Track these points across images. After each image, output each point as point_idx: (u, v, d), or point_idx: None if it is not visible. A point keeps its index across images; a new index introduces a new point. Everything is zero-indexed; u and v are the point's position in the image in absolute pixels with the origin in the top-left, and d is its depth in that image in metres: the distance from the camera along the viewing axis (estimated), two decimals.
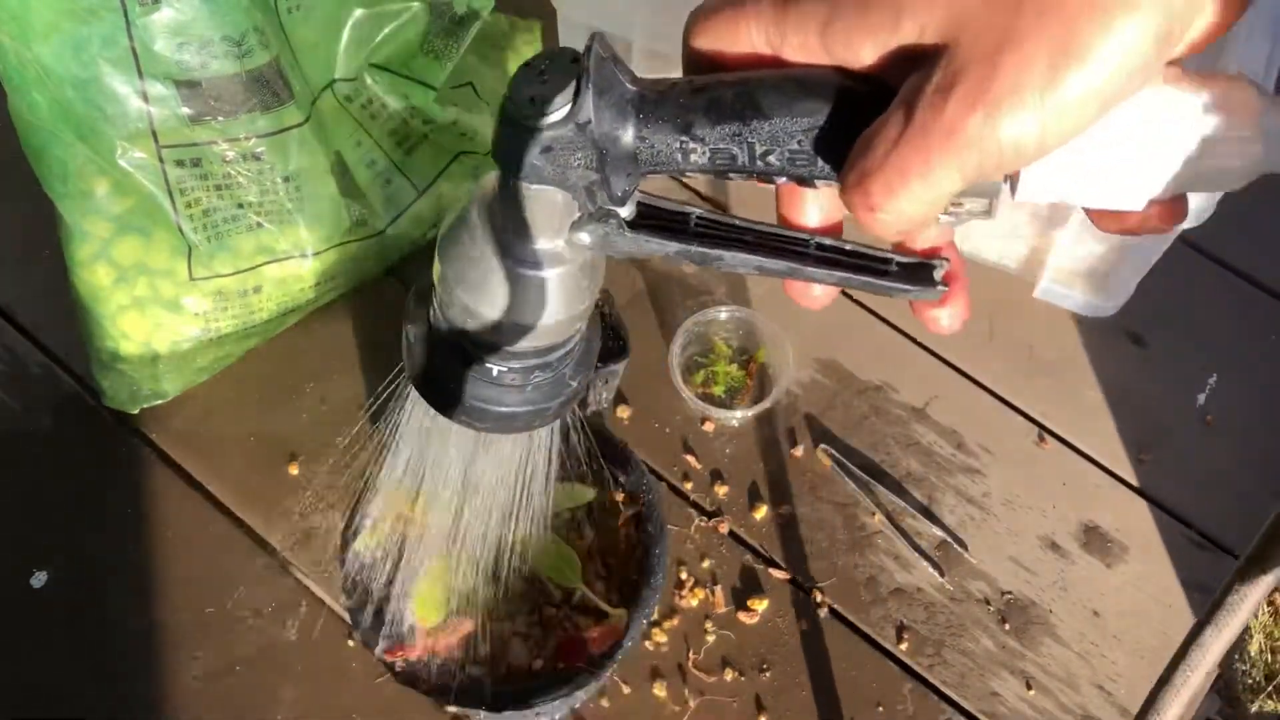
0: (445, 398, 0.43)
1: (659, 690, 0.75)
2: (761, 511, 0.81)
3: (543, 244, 0.38)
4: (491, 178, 0.38)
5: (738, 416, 0.84)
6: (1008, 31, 0.28)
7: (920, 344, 0.89)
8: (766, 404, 0.84)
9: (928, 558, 0.80)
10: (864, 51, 0.32)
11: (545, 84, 0.34)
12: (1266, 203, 0.91)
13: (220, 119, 0.70)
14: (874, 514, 0.82)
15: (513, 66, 0.97)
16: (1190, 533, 0.83)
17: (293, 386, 0.85)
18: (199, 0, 0.65)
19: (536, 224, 0.37)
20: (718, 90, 0.34)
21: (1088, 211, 0.34)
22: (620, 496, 0.73)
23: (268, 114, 0.71)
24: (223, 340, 0.82)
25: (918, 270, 0.37)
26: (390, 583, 0.74)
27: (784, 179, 0.35)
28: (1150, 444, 0.85)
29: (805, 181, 0.35)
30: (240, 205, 0.75)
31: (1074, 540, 0.82)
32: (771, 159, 0.34)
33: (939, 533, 0.81)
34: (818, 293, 0.38)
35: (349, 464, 0.81)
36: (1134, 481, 0.84)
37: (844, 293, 0.91)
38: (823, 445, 0.84)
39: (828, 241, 0.37)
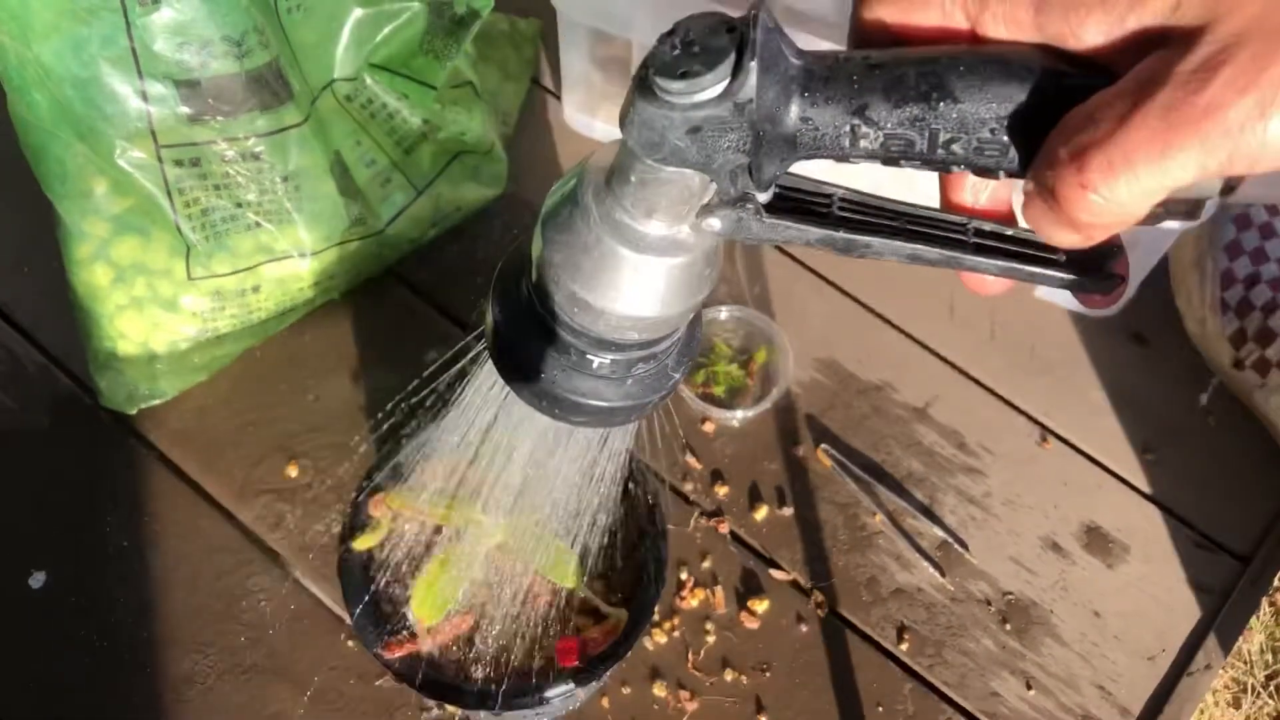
0: (537, 390, 0.39)
1: (659, 690, 0.75)
2: (762, 512, 0.81)
3: (666, 229, 0.34)
4: (607, 151, 0.34)
5: (738, 416, 0.84)
6: None
7: (921, 344, 0.89)
8: (767, 404, 0.84)
9: (928, 558, 0.80)
10: (1089, 29, 0.27)
11: (697, 55, 0.30)
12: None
13: (219, 119, 0.70)
14: (875, 514, 0.82)
15: (513, 66, 0.97)
16: (1193, 534, 0.82)
17: (291, 386, 0.85)
18: (199, 0, 0.65)
19: (666, 208, 0.33)
20: (899, 68, 0.29)
21: None
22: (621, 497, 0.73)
23: (267, 114, 0.71)
24: (221, 340, 0.82)
25: (1090, 261, 0.33)
26: (389, 582, 0.74)
27: (961, 168, 0.31)
28: (1153, 444, 0.85)
29: (987, 173, 0.31)
30: (239, 205, 0.75)
31: (1075, 540, 0.82)
32: (956, 148, 0.30)
33: (940, 533, 0.81)
34: (992, 280, 0.34)
35: (349, 463, 0.81)
36: (1136, 482, 0.84)
37: (844, 293, 0.91)
38: (823, 445, 0.84)
39: (988, 227, 0.33)
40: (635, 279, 0.35)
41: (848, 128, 0.30)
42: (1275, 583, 0.83)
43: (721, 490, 0.82)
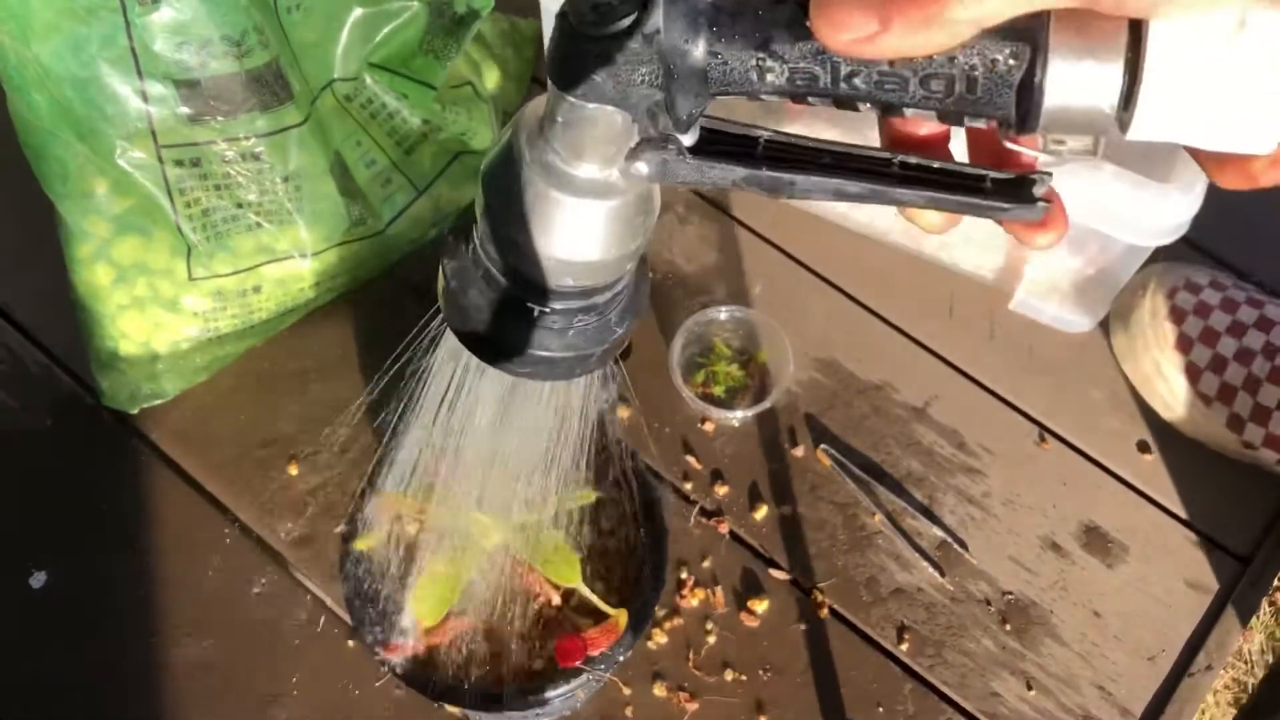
0: (482, 341, 0.40)
1: (659, 690, 0.75)
2: (762, 511, 0.81)
3: (596, 172, 0.35)
4: (539, 101, 0.35)
5: (738, 416, 0.84)
6: None
7: (920, 344, 0.89)
8: (766, 404, 0.84)
9: (928, 558, 0.80)
10: None
11: None
12: (1267, 202, 0.91)
13: (220, 119, 0.70)
14: (874, 514, 0.82)
15: (513, 66, 0.97)
16: (1193, 534, 0.82)
17: (292, 386, 0.85)
18: (198, 0, 0.65)
19: (591, 148, 0.34)
20: (800, 1, 0.30)
21: (1202, 162, 0.30)
22: (621, 496, 0.73)
23: (267, 114, 0.71)
24: (222, 340, 0.82)
25: (1016, 186, 0.33)
26: (390, 581, 0.74)
27: (868, 105, 0.31)
28: (1153, 444, 0.85)
29: (892, 110, 0.31)
30: (239, 205, 0.75)
31: (1075, 540, 0.82)
32: (857, 81, 0.30)
33: (939, 533, 0.81)
34: (932, 217, 0.34)
35: (349, 463, 0.81)
36: (1135, 482, 0.84)
37: (844, 293, 0.91)
38: (823, 445, 0.84)
39: (913, 160, 0.34)
40: (567, 222, 0.36)
41: (755, 62, 0.31)
42: (1275, 583, 0.83)
43: (721, 490, 0.82)
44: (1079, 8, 0.27)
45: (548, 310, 0.39)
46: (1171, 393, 0.82)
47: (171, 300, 0.78)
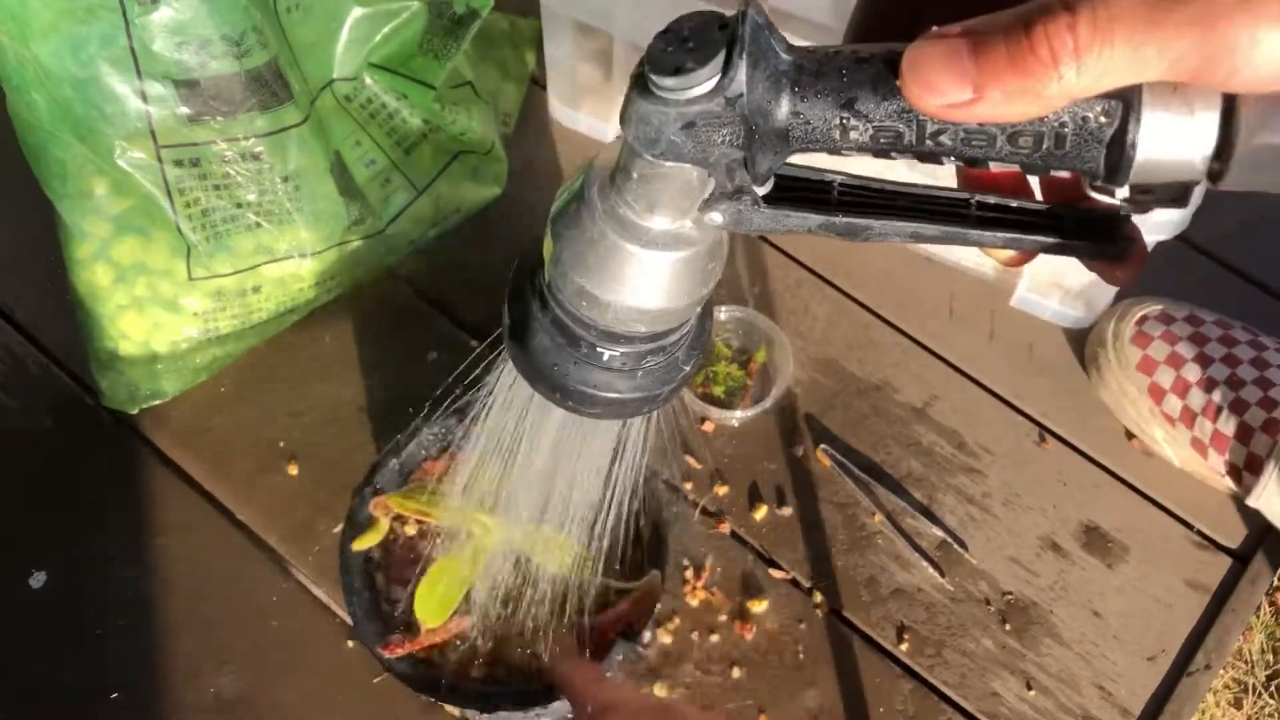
0: (551, 382, 0.40)
1: (659, 690, 0.75)
2: (762, 512, 0.81)
3: (670, 223, 0.34)
4: (613, 150, 0.35)
5: (738, 416, 0.84)
6: None
7: (920, 344, 0.89)
8: (766, 404, 0.84)
9: (928, 558, 0.80)
10: None
11: (691, 51, 0.31)
12: (1266, 203, 0.91)
13: (219, 119, 0.70)
14: (874, 514, 0.82)
15: (512, 66, 0.97)
16: (1193, 534, 0.82)
17: (292, 386, 0.85)
18: (198, 0, 0.65)
19: (666, 202, 0.34)
20: (888, 59, 0.30)
21: None
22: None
23: (266, 114, 0.71)
24: (222, 340, 0.82)
25: (1096, 225, 0.33)
26: (390, 582, 0.74)
27: (951, 159, 0.31)
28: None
29: (977, 163, 0.31)
30: (239, 205, 0.75)
31: (1074, 540, 0.82)
32: (944, 138, 0.30)
33: (939, 533, 0.81)
34: (1008, 252, 0.34)
35: (349, 463, 0.81)
36: (1135, 482, 0.84)
37: (844, 293, 0.91)
38: (823, 445, 0.84)
39: (991, 200, 0.33)
40: (640, 273, 0.36)
41: (838, 121, 0.31)
42: (1275, 582, 0.83)
43: (721, 490, 0.82)
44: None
45: (618, 354, 0.39)
46: (1172, 438, 0.82)
47: (171, 300, 0.78)
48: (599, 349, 0.39)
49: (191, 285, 0.78)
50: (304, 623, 0.76)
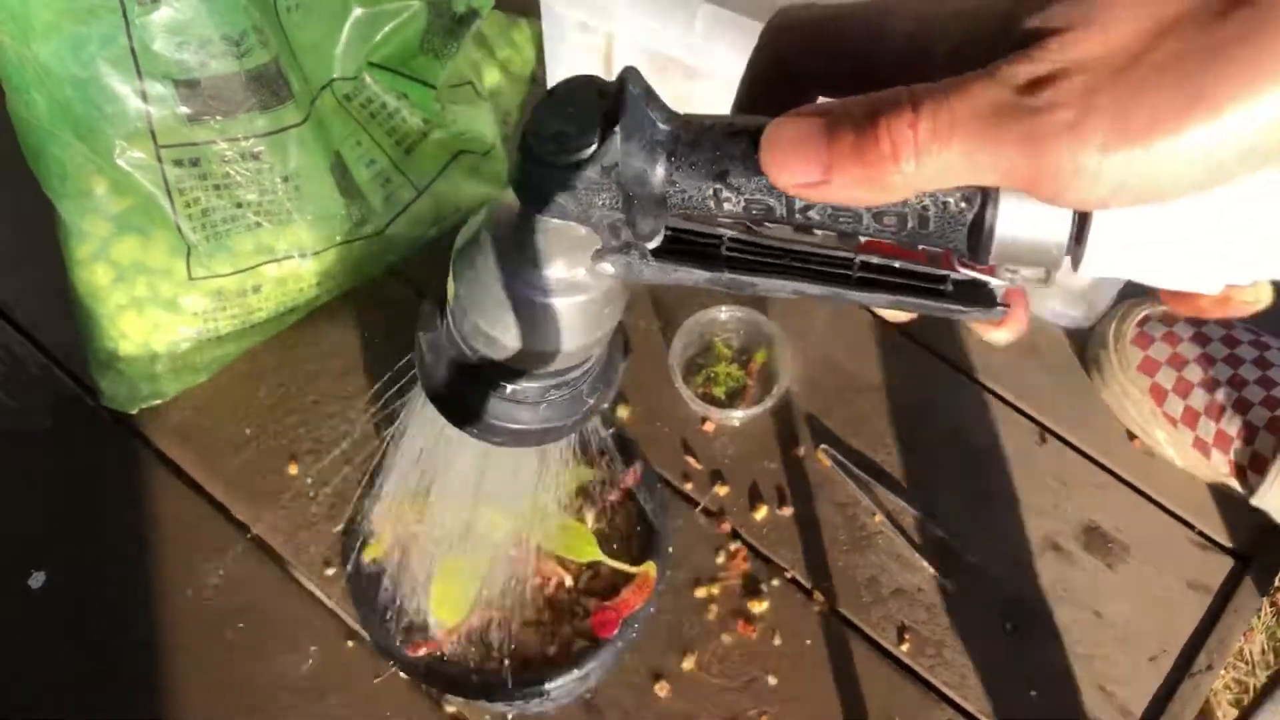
0: (458, 411, 0.42)
1: (660, 690, 0.75)
2: (762, 512, 0.81)
3: (564, 271, 0.36)
4: (507, 201, 0.36)
5: (738, 417, 0.84)
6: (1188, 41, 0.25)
7: (920, 344, 0.89)
8: (767, 404, 0.84)
9: (928, 558, 0.80)
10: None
11: (570, 118, 0.32)
12: None
13: (219, 118, 0.70)
14: (875, 514, 0.82)
15: (513, 66, 0.97)
16: (1193, 534, 0.82)
17: (292, 386, 0.85)
18: (198, 0, 0.65)
19: (556, 255, 0.35)
20: (759, 133, 0.31)
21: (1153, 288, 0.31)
22: (616, 474, 0.74)
23: (267, 113, 0.71)
24: (222, 340, 0.82)
25: (976, 289, 0.34)
26: (400, 584, 0.74)
27: (823, 232, 0.32)
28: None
29: (847, 237, 0.32)
30: (239, 205, 0.75)
31: (1076, 541, 0.82)
32: (812, 213, 0.31)
33: (940, 533, 0.81)
34: (894, 313, 0.35)
35: (349, 463, 0.81)
36: (1135, 482, 0.84)
37: None
38: (823, 445, 0.84)
39: (875, 260, 0.34)
40: (535, 318, 0.37)
41: (711, 192, 0.32)
42: (1275, 583, 0.83)
43: (721, 490, 0.82)
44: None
45: (519, 387, 0.40)
46: (1175, 440, 0.82)
47: (171, 300, 0.78)
48: (502, 382, 0.40)
49: (191, 285, 0.78)
50: (304, 622, 0.76)
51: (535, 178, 0.33)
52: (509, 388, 0.40)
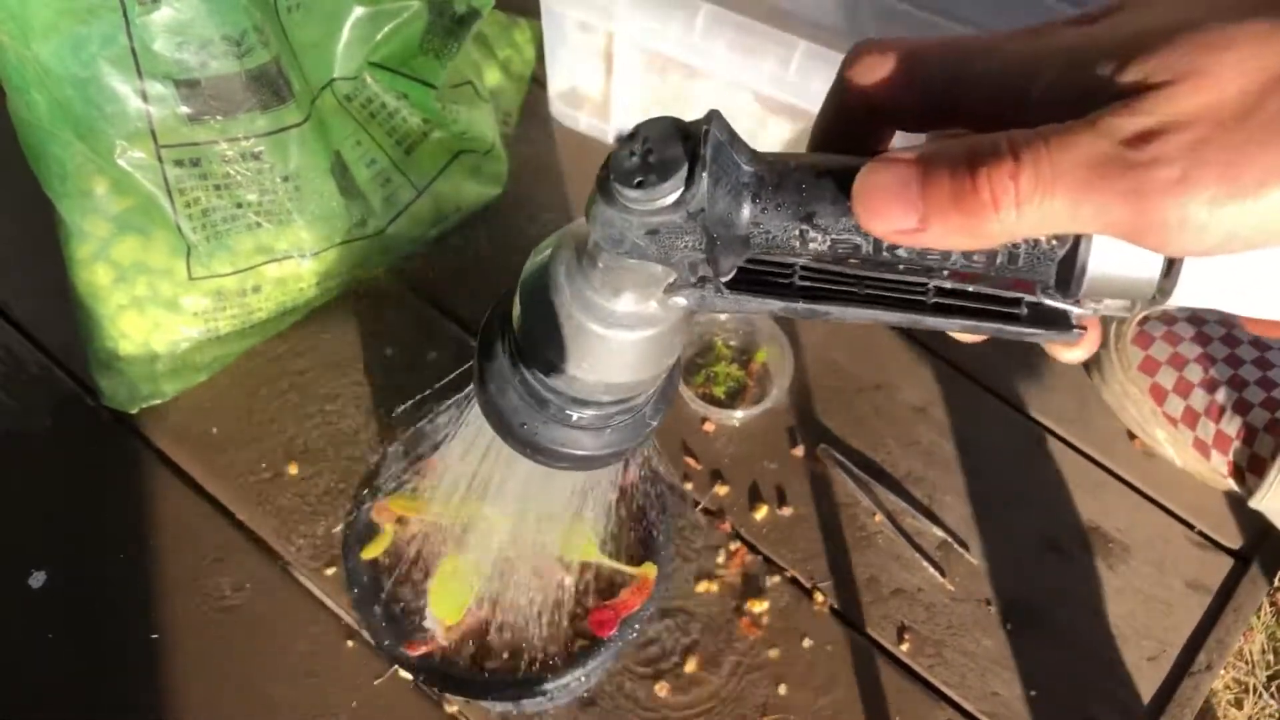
0: (524, 440, 0.41)
1: (660, 690, 0.75)
2: (762, 512, 0.81)
3: (634, 305, 0.36)
4: (576, 231, 0.36)
5: (738, 417, 0.84)
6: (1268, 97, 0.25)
7: (921, 344, 0.89)
8: (767, 404, 0.84)
9: (928, 558, 0.80)
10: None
11: (652, 164, 0.32)
12: None
13: (219, 118, 0.70)
14: (874, 514, 0.82)
15: (513, 66, 0.97)
16: (1193, 534, 0.82)
17: (292, 386, 0.85)
18: (198, 0, 0.65)
19: (632, 289, 0.35)
20: (845, 175, 0.31)
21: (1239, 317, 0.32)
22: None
23: (267, 113, 0.71)
24: (222, 340, 0.82)
25: (1051, 312, 0.34)
26: (400, 582, 0.74)
27: (906, 268, 0.32)
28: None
29: (933, 273, 0.32)
30: (239, 205, 0.75)
31: (1075, 540, 0.82)
32: (900, 251, 0.31)
33: (940, 533, 0.81)
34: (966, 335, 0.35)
35: (349, 463, 0.81)
36: (1135, 482, 0.84)
37: None
38: (823, 445, 0.84)
39: (949, 285, 0.34)
40: (606, 351, 0.37)
41: (797, 232, 0.32)
42: (1275, 582, 0.83)
43: (721, 490, 0.82)
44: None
45: (586, 415, 0.40)
46: (1142, 414, 0.82)
47: (171, 300, 0.78)
48: (567, 410, 0.40)
49: (191, 285, 0.78)
50: (304, 622, 0.76)
51: (618, 223, 0.33)
52: (575, 415, 0.40)
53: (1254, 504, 0.78)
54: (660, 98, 0.91)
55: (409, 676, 0.74)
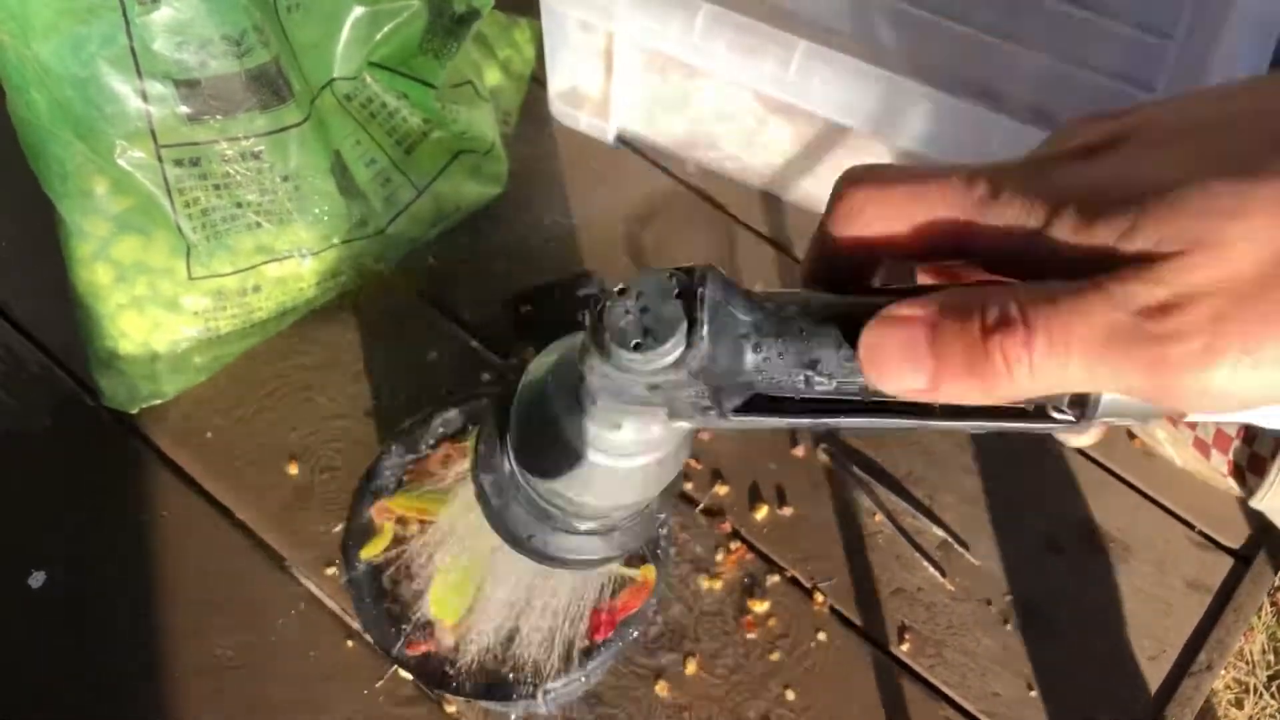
0: (526, 547, 0.41)
1: (660, 690, 0.75)
2: (762, 512, 0.81)
3: (640, 435, 0.35)
4: (573, 354, 0.35)
5: None
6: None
7: None
8: None
9: (928, 558, 0.80)
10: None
11: (649, 326, 0.31)
12: None
13: (219, 118, 0.70)
14: (875, 514, 0.82)
15: (513, 66, 0.97)
16: (1193, 533, 0.82)
17: (292, 386, 0.85)
18: (198, 0, 0.65)
19: (635, 428, 0.35)
20: (847, 321, 0.30)
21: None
22: None
23: (267, 113, 0.71)
24: (222, 340, 0.82)
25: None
26: (400, 582, 0.74)
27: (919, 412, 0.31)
28: (1153, 444, 0.85)
29: (933, 414, 0.32)
30: (239, 204, 0.75)
31: (1075, 540, 0.82)
32: None
33: (940, 533, 0.81)
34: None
35: (349, 463, 0.81)
36: (1135, 482, 0.84)
37: None
38: (823, 445, 0.84)
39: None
40: (613, 479, 0.36)
41: (802, 377, 0.31)
42: (1275, 582, 0.83)
43: (721, 490, 0.82)
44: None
45: (594, 525, 0.40)
46: (1173, 441, 0.82)
47: (171, 300, 0.78)
48: (575, 523, 0.39)
49: (191, 284, 0.78)
50: (304, 622, 0.76)
51: (616, 378, 0.32)
52: (582, 526, 0.39)
53: (1254, 503, 0.78)
54: (660, 97, 0.91)
55: (409, 676, 0.74)
